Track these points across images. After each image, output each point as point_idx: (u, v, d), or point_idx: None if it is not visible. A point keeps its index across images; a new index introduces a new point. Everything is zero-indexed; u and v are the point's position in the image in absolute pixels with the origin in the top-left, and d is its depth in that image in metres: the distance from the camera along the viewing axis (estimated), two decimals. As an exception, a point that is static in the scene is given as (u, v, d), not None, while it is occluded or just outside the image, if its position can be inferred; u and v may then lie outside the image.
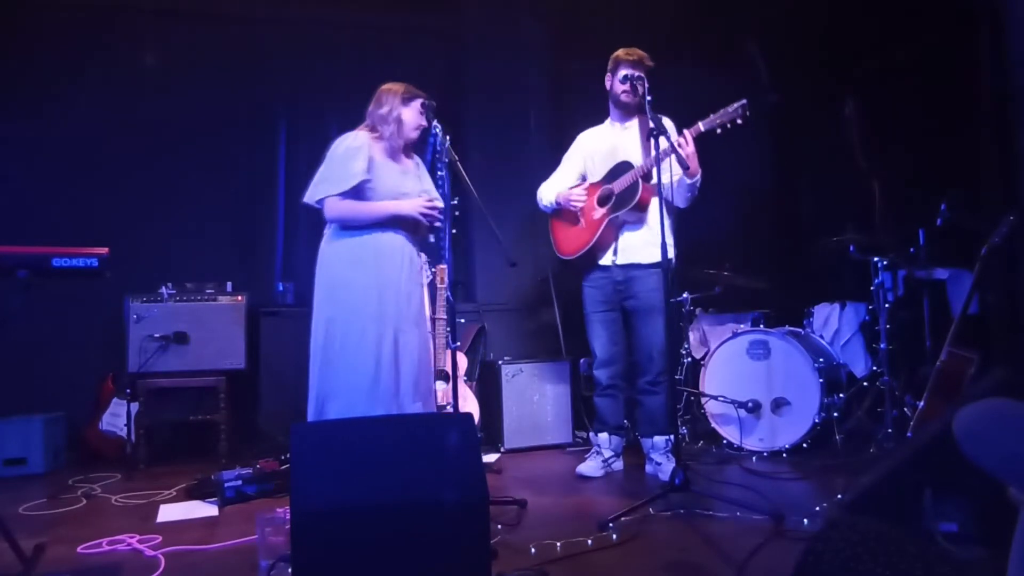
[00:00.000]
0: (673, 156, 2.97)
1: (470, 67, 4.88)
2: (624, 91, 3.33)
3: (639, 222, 3.33)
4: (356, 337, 2.67)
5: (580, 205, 3.38)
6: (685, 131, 3.05)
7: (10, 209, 4.09)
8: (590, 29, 4.63)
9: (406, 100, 2.88)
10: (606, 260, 3.38)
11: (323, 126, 4.78)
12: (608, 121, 3.50)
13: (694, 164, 3.10)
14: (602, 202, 3.35)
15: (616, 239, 3.35)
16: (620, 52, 3.33)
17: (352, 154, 2.76)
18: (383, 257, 2.76)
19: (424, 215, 2.79)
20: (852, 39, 4.65)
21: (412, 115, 2.89)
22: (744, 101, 2.91)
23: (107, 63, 4.41)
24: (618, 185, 3.29)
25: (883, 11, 4.36)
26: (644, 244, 3.31)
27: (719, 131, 2.99)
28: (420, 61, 4.85)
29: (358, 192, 2.74)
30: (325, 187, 2.76)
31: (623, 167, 3.29)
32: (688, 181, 3.16)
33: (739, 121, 2.92)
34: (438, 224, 2.83)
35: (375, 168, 2.78)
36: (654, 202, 3.33)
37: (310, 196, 2.81)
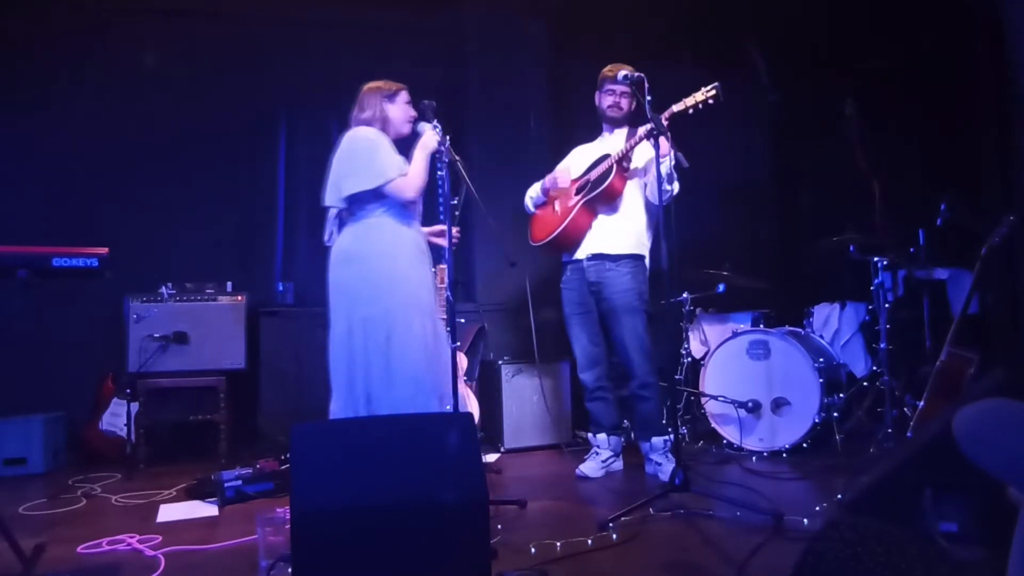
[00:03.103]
0: (653, 150, 2.94)
1: (470, 67, 4.88)
2: (609, 106, 3.39)
3: (612, 210, 3.33)
4: (418, 329, 2.69)
5: (565, 185, 3.39)
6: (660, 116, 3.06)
7: (10, 209, 4.09)
8: (590, 29, 4.64)
9: (389, 96, 2.86)
10: (580, 253, 3.38)
11: (323, 126, 4.79)
12: (600, 135, 3.53)
13: (666, 146, 3.04)
14: (579, 191, 3.37)
15: (589, 227, 3.35)
16: (604, 70, 3.38)
17: (377, 147, 2.75)
18: (411, 248, 2.79)
19: (439, 142, 2.82)
20: (852, 39, 4.65)
21: (399, 110, 2.87)
22: (717, 84, 2.91)
23: (107, 63, 4.42)
24: (594, 173, 3.31)
25: (883, 11, 4.36)
26: (614, 234, 3.31)
27: (691, 111, 2.97)
28: (420, 61, 4.85)
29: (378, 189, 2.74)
30: (357, 181, 2.71)
31: (602, 158, 3.32)
32: (660, 158, 3.04)
33: (711, 102, 2.91)
34: (445, 148, 2.84)
35: None
36: (630, 192, 3.34)
37: (340, 193, 2.75)
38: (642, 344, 3.29)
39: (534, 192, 3.56)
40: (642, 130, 3.08)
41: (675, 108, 3.02)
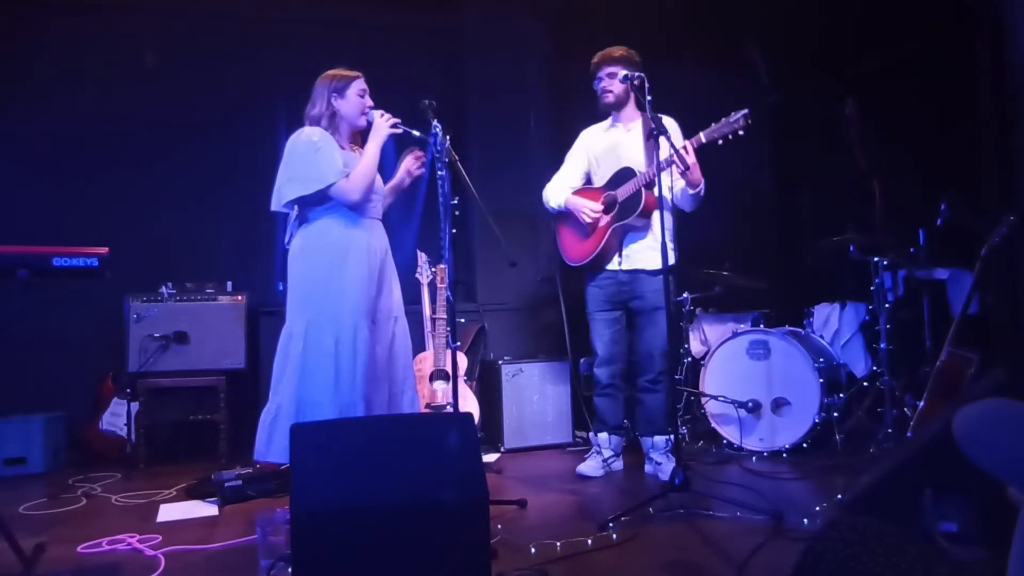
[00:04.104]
0: (674, 164, 2.95)
1: (470, 67, 4.88)
2: (601, 93, 3.38)
3: (644, 228, 3.32)
4: (366, 333, 2.62)
5: (590, 220, 3.34)
6: (686, 142, 3.04)
7: (10, 209, 4.09)
8: (590, 29, 4.63)
9: (338, 89, 2.76)
10: (612, 266, 3.38)
11: (323, 126, 4.79)
12: (610, 120, 3.49)
13: (696, 175, 3.08)
14: (606, 209, 3.35)
15: (621, 246, 3.35)
16: (595, 57, 3.38)
17: (316, 148, 2.66)
18: (359, 250, 2.69)
19: (392, 126, 2.72)
20: (852, 39, 4.65)
21: (350, 104, 2.76)
22: (746, 111, 2.88)
23: (107, 62, 4.41)
24: (621, 193, 3.28)
25: (882, 11, 4.36)
26: (649, 250, 3.30)
27: (720, 142, 2.97)
28: (420, 61, 4.86)
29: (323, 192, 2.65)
30: (296, 187, 2.64)
31: (626, 174, 3.28)
32: (691, 192, 3.15)
33: (741, 132, 2.90)
34: (400, 131, 2.74)
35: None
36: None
37: (280, 199, 2.70)
38: (665, 343, 3.30)
39: (557, 200, 3.47)
40: (663, 144, 2.96)
41: (703, 138, 3.01)
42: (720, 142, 2.97)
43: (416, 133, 2.76)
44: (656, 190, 2.94)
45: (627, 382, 3.50)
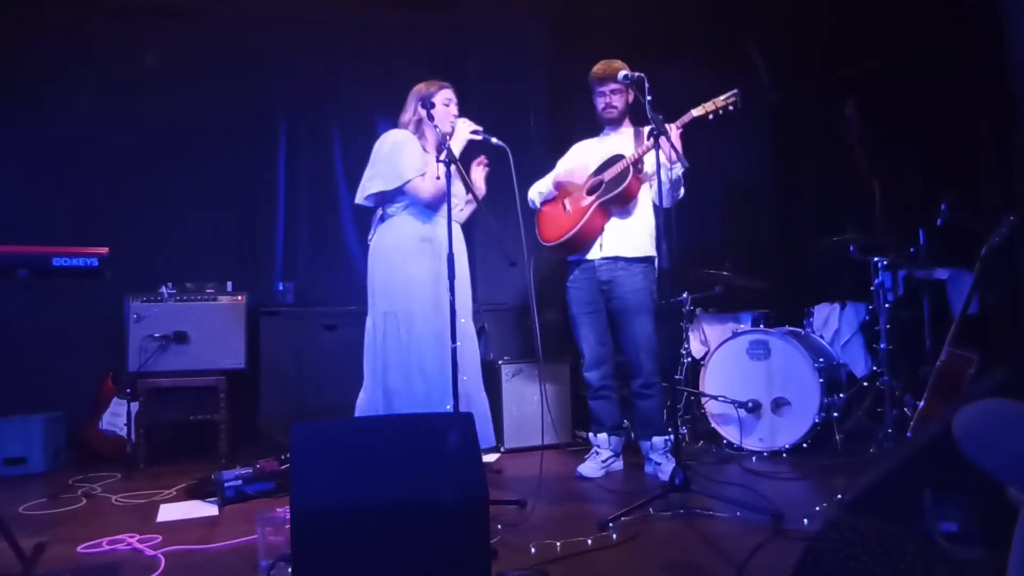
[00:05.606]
0: (663, 152, 2.94)
1: (470, 66, 4.87)
2: (603, 108, 3.38)
3: (625, 213, 3.32)
4: (437, 325, 2.77)
5: (580, 182, 3.34)
6: (672, 125, 3.05)
7: (10, 208, 4.09)
8: (590, 29, 4.64)
9: (424, 99, 2.96)
10: (592, 254, 3.36)
11: (323, 125, 4.80)
12: (603, 134, 3.51)
13: (677, 148, 3.08)
14: (591, 191, 3.35)
15: (602, 230, 3.33)
16: (593, 70, 3.35)
17: (400, 148, 2.86)
18: (433, 247, 2.86)
19: (472, 132, 2.88)
20: (852, 39, 4.65)
21: (436, 111, 2.95)
22: (736, 91, 2.95)
23: (107, 62, 4.42)
24: (608, 174, 3.29)
25: (883, 11, 4.36)
26: (629, 236, 3.31)
27: (711, 116, 2.99)
28: (420, 60, 4.85)
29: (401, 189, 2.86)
30: (378, 182, 2.86)
31: (615, 159, 3.29)
32: (668, 165, 3.05)
33: (731, 108, 2.94)
34: (480, 137, 2.90)
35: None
36: (643, 195, 3.34)
37: (363, 192, 2.92)
38: (651, 344, 3.29)
39: (543, 187, 3.50)
40: (648, 133, 3.01)
41: (694, 113, 3.03)
42: (710, 117, 3.00)
43: (494, 140, 2.87)
44: (643, 173, 2.94)
45: (620, 381, 3.50)
